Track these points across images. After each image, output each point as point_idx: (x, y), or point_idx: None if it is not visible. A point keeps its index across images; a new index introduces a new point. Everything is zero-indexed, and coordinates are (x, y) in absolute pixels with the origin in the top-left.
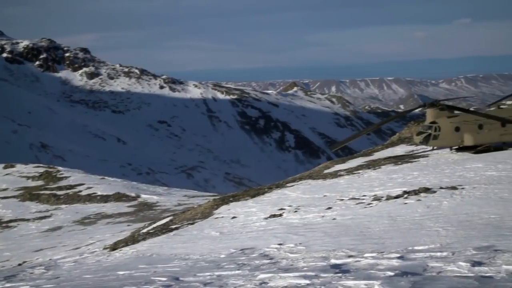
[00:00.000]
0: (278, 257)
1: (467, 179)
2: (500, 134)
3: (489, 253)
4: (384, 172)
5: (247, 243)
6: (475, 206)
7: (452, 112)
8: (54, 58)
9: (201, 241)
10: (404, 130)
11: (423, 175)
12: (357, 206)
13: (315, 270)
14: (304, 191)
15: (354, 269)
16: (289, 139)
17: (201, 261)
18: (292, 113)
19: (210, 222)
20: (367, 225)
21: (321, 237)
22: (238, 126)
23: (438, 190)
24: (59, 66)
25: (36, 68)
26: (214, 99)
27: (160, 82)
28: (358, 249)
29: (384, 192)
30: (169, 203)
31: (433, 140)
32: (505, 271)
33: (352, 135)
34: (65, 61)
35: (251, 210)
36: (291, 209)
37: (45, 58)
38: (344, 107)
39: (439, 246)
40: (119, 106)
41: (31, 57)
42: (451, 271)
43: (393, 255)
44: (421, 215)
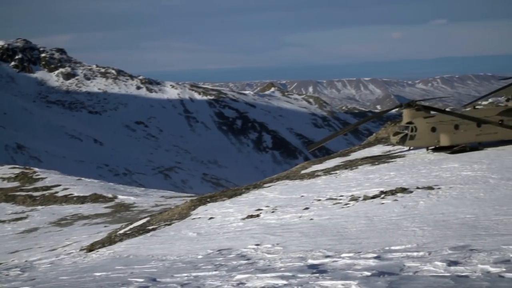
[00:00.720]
0: (255, 257)
1: (443, 179)
2: (475, 134)
3: (465, 252)
4: (361, 172)
5: (224, 244)
6: (451, 206)
7: (428, 113)
8: (29, 58)
9: (178, 242)
10: (381, 130)
11: (400, 175)
12: (334, 207)
13: (292, 270)
14: (281, 191)
15: (331, 269)
16: (266, 139)
17: (178, 262)
18: (269, 113)
19: (187, 223)
20: (344, 225)
21: (298, 238)
22: (216, 127)
23: (415, 190)
24: (35, 67)
25: (12, 69)
26: (191, 99)
27: (137, 82)
28: (335, 249)
29: (361, 192)
30: (146, 204)
31: (409, 140)
32: (481, 271)
33: (329, 136)
34: (41, 61)
35: (228, 211)
36: (268, 210)
37: (20, 58)
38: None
39: (415, 246)
40: (95, 107)
41: (6, 57)
42: (427, 270)
43: (370, 255)
44: (397, 215)
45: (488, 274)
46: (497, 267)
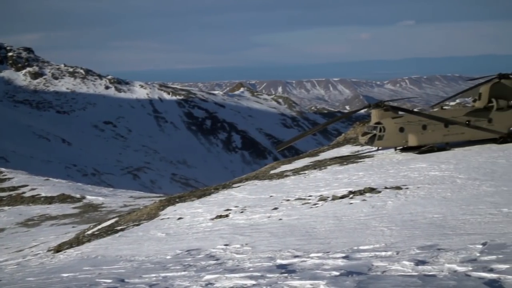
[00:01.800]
0: (224, 257)
1: (411, 179)
2: (443, 135)
3: (432, 252)
4: (330, 172)
5: (193, 244)
6: (419, 206)
7: (396, 113)
8: None
9: (147, 242)
10: (350, 130)
11: (368, 175)
12: (303, 207)
13: (261, 270)
14: (250, 191)
15: (300, 269)
16: (235, 139)
17: (146, 263)
18: (238, 113)
19: (156, 223)
20: (313, 225)
21: (267, 238)
22: (185, 127)
23: (383, 190)
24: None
25: None
26: (160, 99)
27: (105, 82)
28: (304, 249)
29: (329, 192)
30: (115, 204)
31: (378, 141)
32: (448, 270)
33: (297, 135)
34: (8, 60)
35: (197, 211)
36: (237, 210)
37: None
38: (291, 108)
39: (383, 245)
40: (63, 107)
41: None
42: (395, 270)
43: (339, 254)
44: (366, 215)
45: (455, 273)
46: (463, 266)
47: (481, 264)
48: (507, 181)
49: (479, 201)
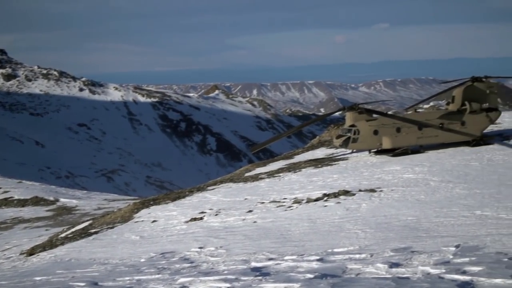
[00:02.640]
0: (198, 260)
1: (385, 181)
2: (417, 137)
3: (406, 254)
4: (304, 175)
5: (168, 247)
6: (393, 209)
7: (370, 116)
8: None
9: (121, 245)
10: (324, 133)
11: (343, 178)
12: (278, 209)
13: (235, 273)
14: (225, 194)
15: (274, 272)
16: (210, 142)
17: (120, 266)
18: (213, 116)
19: (130, 226)
20: (288, 228)
21: (242, 240)
22: (159, 129)
23: (357, 193)
24: None
25: None
26: (135, 102)
27: (79, 84)
28: (278, 251)
29: (304, 195)
30: (89, 207)
31: (352, 143)
32: (421, 272)
33: (272, 137)
34: None
35: (171, 214)
36: (212, 213)
37: None
38: (266, 110)
39: (358, 248)
40: (37, 109)
41: None
42: (369, 272)
43: (313, 257)
44: (340, 218)
45: (429, 275)
46: (437, 269)
47: (454, 266)
48: (480, 184)
49: (453, 204)
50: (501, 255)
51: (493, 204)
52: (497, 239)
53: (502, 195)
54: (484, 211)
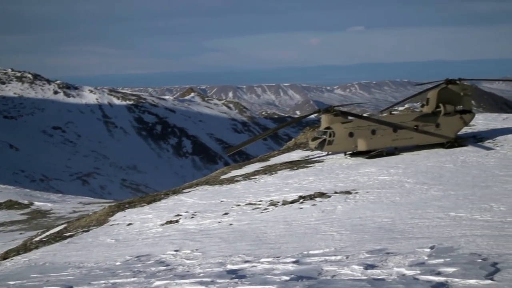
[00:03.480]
0: (174, 263)
1: (360, 183)
2: (392, 139)
3: (381, 256)
4: (280, 177)
5: (143, 250)
6: (368, 210)
7: (346, 118)
8: None
9: (96, 248)
10: (300, 135)
11: (318, 180)
12: (254, 212)
13: (211, 276)
14: (200, 197)
15: (250, 274)
16: (186, 145)
17: (95, 269)
18: (189, 118)
19: (106, 229)
20: (264, 230)
21: (218, 243)
22: (135, 132)
23: (333, 195)
24: None
25: None
26: (110, 104)
27: (54, 87)
28: (254, 254)
29: (280, 197)
30: (64, 210)
31: (327, 145)
32: (396, 273)
33: (248, 140)
34: None
35: (147, 217)
36: (187, 215)
37: None
38: (241, 113)
39: (333, 250)
40: (11, 112)
41: None
42: (345, 274)
43: (289, 259)
44: (316, 220)
45: (404, 276)
46: (412, 270)
47: (429, 267)
48: (454, 185)
49: (427, 205)
50: (475, 256)
51: (467, 205)
52: (471, 240)
53: (476, 197)
54: (458, 212)
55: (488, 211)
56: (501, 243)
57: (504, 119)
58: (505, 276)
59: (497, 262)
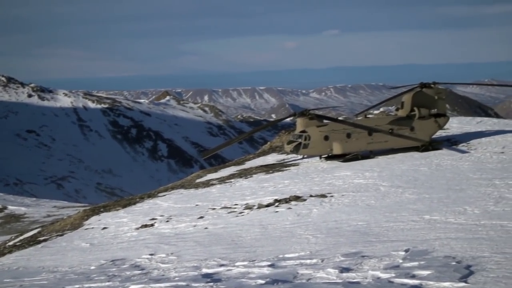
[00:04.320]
0: (149, 267)
1: (336, 187)
2: (367, 143)
3: (356, 259)
4: (255, 181)
5: (118, 254)
6: (344, 214)
7: (321, 121)
8: None
9: (71, 253)
10: (275, 139)
11: (294, 183)
12: (229, 215)
13: (186, 279)
14: (176, 200)
15: (225, 278)
16: (161, 148)
17: (70, 273)
18: (164, 122)
19: (80, 233)
20: (239, 234)
21: (193, 247)
22: (110, 136)
23: (308, 198)
24: None
25: None
26: (85, 108)
27: (28, 90)
28: (229, 258)
29: (255, 200)
30: (38, 214)
31: (303, 149)
32: (371, 276)
33: (223, 143)
34: None
35: (122, 221)
36: (163, 219)
37: None
38: (217, 116)
39: (309, 253)
40: None
41: None
42: (320, 277)
43: (264, 263)
44: (291, 223)
45: (379, 279)
46: (387, 273)
47: (404, 270)
48: (429, 189)
49: (402, 208)
50: (450, 259)
51: (441, 208)
52: (446, 243)
53: (450, 200)
54: (433, 215)
55: (462, 214)
56: (475, 246)
57: (478, 123)
58: (478, 279)
59: (471, 264)
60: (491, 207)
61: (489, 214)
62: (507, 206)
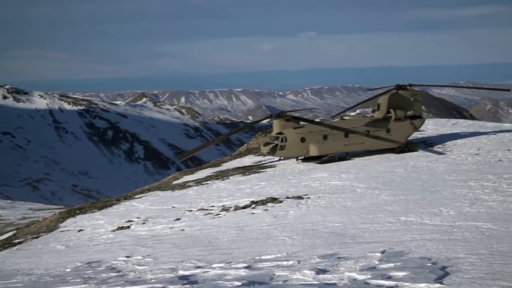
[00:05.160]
0: (125, 269)
1: (312, 188)
2: (343, 144)
3: (332, 260)
4: (232, 182)
5: (94, 256)
6: (320, 215)
7: (298, 123)
8: None
9: (46, 255)
10: (252, 140)
11: (270, 185)
12: (206, 217)
13: (163, 282)
14: (152, 202)
15: (202, 280)
16: (138, 150)
17: (45, 276)
18: (141, 124)
19: (56, 235)
20: (216, 236)
21: (170, 249)
22: (86, 137)
23: (285, 200)
24: None
25: None
26: (60, 109)
27: (3, 92)
28: (206, 259)
29: (232, 202)
30: (13, 216)
31: (279, 151)
32: (348, 278)
33: (200, 145)
34: None
35: (98, 223)
36: (139, 221)
37: None
38: (194, 118)
39: (285, 255)
40: None
41: None
42: (296, 279)
43: (241, 265)
44: (268, 225)
45: (355, 281)
46: (363, 274)
47: (380, 272)
48: (405, 190)
49: (378, 210)
50: (425, 260)
51: (417, 210)
52: (421, 244)
53: (426, 201)
54: (408, 217)
55: (438, 215)
56: (450, 247)
57: (453, 124)
58: (454, 280)
59: (446, 266)
60: (466, 209)
61: (464, 216)
62: (482, 208)
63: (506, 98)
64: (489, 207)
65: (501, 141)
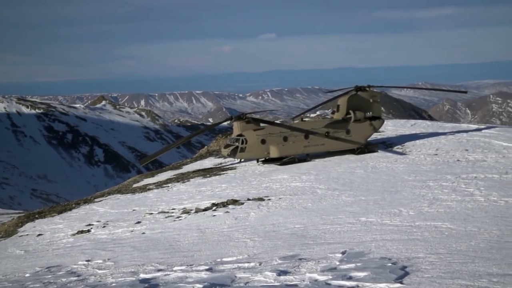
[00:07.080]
0: (86, 274)
1: (273, 190)
2: (304, 146)
3: (294, 262)
4: (193, 185)
5: (54, 261)
6: (281, 217)
7: (258, 125)
8: None
9: (4, 260)
10: (212, 143)
11: (231, 187)
12: (167, 220)
13: (123, 285)
14: (112, 206)
15: (163, 283)
16: (98, 153)
17: (3, 282)
18: (100, 127)
19: (14, 240)
20: (177, 239)
21: (130, 252)
22: (45, 141)
23: (246, 202)
24: None
25: None
26: (18, 113)
27: None
28: (167, 262)
29: (193, 205)
30: None
31: (240, 153)
32: (309, 279)
33: (161, 149)
34: None
35: (58, 227)
36: (99, 225)
37: None
38: (154, 121)
39: (246, 257)
40: None
41: None
42: (258, 281)
43: (202, 267)
44: (229, 227)
45: (316, 282)
46: (324, 275)
47: (341, 272)
48: (365, 191)
49: (339, 211)
50: (385, 260)
51: (377, 210)
52: (382, 244)
53: (385, 202)
54: (369, 217)
55: (398, 215)
56: (410, 247)
57: (412, 125)
58: (413, 279)
59: (406, 265)
60: (425, 209)
61: (424, 216)
62: (441, 207)
63: (463, 99)
64: (448, 206)
65: (459, 141)
